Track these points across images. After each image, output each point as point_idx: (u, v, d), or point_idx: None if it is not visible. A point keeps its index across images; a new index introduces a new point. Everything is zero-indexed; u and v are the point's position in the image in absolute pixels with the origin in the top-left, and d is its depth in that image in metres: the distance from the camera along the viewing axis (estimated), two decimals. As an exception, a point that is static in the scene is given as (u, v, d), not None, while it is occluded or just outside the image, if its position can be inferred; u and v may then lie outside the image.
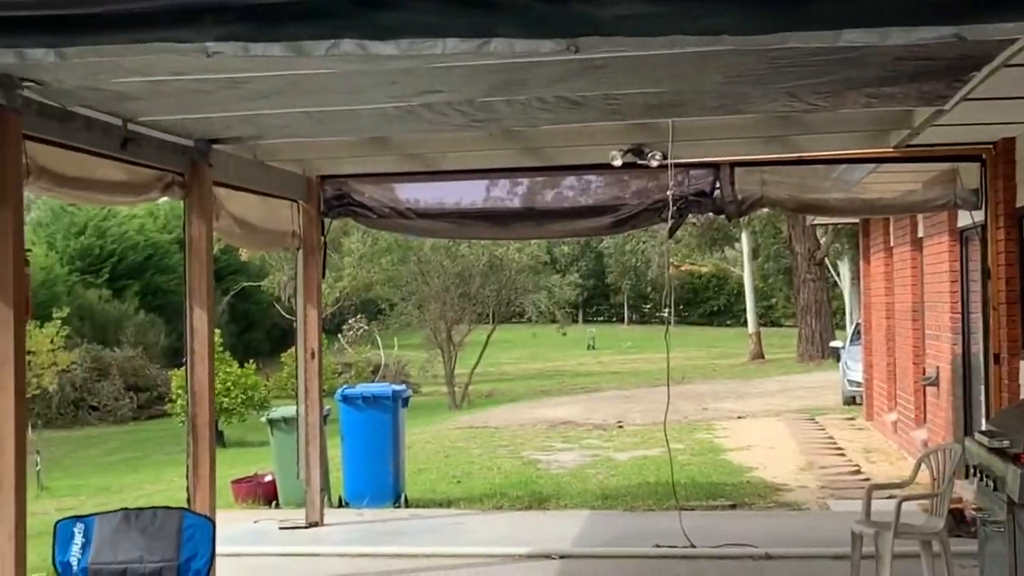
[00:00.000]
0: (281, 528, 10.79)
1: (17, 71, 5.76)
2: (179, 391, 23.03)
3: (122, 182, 7.57)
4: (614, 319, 66.35)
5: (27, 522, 6.08)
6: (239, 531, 10.66)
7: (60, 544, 5.02)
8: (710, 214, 11.11)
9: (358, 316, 34.07)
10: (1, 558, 5.93)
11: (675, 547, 9.43)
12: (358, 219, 11.41)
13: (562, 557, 9.45)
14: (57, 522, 5.09)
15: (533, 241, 29.67)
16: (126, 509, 5.22)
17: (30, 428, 7.79)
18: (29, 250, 6.24)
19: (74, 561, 5.00)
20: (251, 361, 25.67)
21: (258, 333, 43.89)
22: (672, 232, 10.66)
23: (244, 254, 32.03)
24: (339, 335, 33.82)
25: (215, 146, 8.43)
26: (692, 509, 11.16)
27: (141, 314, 39.11)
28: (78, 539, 5.03)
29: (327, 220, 11.13)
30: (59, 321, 23.97)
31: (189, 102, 6.91)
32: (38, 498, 14.94)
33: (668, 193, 9.50)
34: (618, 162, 9.37)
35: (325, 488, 11.47)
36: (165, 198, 8.48)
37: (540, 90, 6.70)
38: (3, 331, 5.94)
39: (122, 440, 26.83)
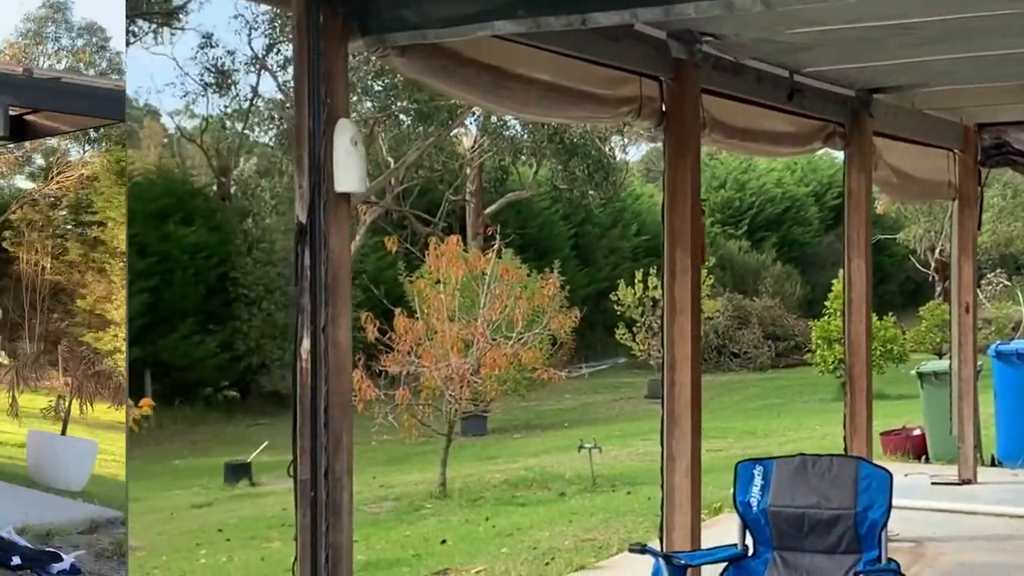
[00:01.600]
0: (933, 483, 10.53)
1: (698, 26, 6.01)
2: (819, 342, 23.19)
3: (787, 133, 7.71)
4: None
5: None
6: (890, 484, 10.54)
7: (741, 485, 5.22)
8: None
9: (997, 271, 32.51)
10: (678, 493, 6.29)
11: None
12: (1018, 168, 10.85)
13: None
14: (738, 464, 5.29)
15: None
16: (803, 454, 5.32)
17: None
18: (705, 200, 6.53)
19: (754, 502, 5.18)
20: (889, 314, 25.24)
21: (891, 286, 43.08)
22: None
23: (879, 207, 31.47)
24: (977, 290, 32.41)
25: (874, 95, 8.33)
26: None
27: (778, 265, 39.87)
28: (757, 481, 5.19)
29: (983, 170, 10.68)
30: (704, 271, 25.01)
31: (855, 51, 6.88)
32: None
33: None
34: None
35: (978, 445, 11.04)
36: (825, 149, 8.54)
37: None
38: (682, 278, 6.26)
39: (761, 387, 27.52)
